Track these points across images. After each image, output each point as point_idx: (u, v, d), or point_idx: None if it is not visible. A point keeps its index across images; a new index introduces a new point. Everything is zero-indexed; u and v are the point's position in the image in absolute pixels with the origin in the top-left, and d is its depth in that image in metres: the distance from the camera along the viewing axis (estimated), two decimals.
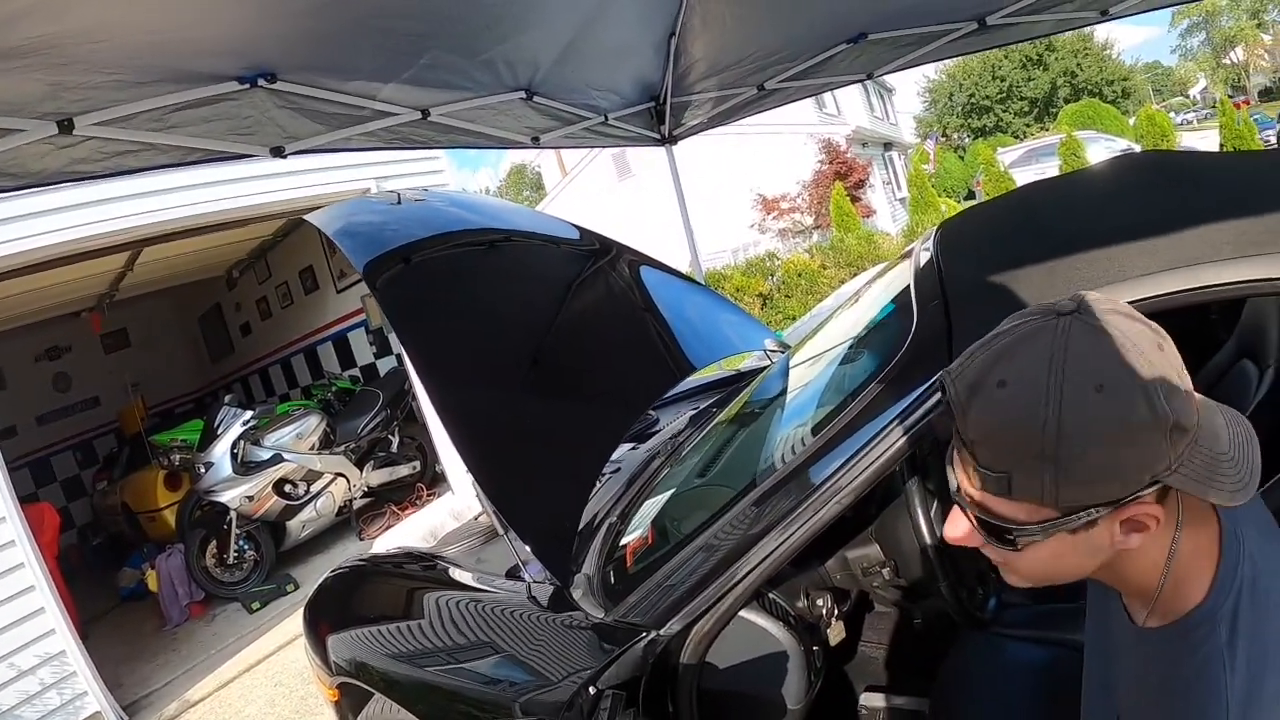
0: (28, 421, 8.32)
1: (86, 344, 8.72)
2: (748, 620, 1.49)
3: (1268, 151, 2.36)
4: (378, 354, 7.62)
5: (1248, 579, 0.86)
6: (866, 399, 1.38)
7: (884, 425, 1.32)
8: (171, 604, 5.77)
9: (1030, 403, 0.77)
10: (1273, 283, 1.14)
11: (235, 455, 5.74)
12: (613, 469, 2.28)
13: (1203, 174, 1.58)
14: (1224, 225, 1.21)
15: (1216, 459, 0.79)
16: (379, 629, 2.02)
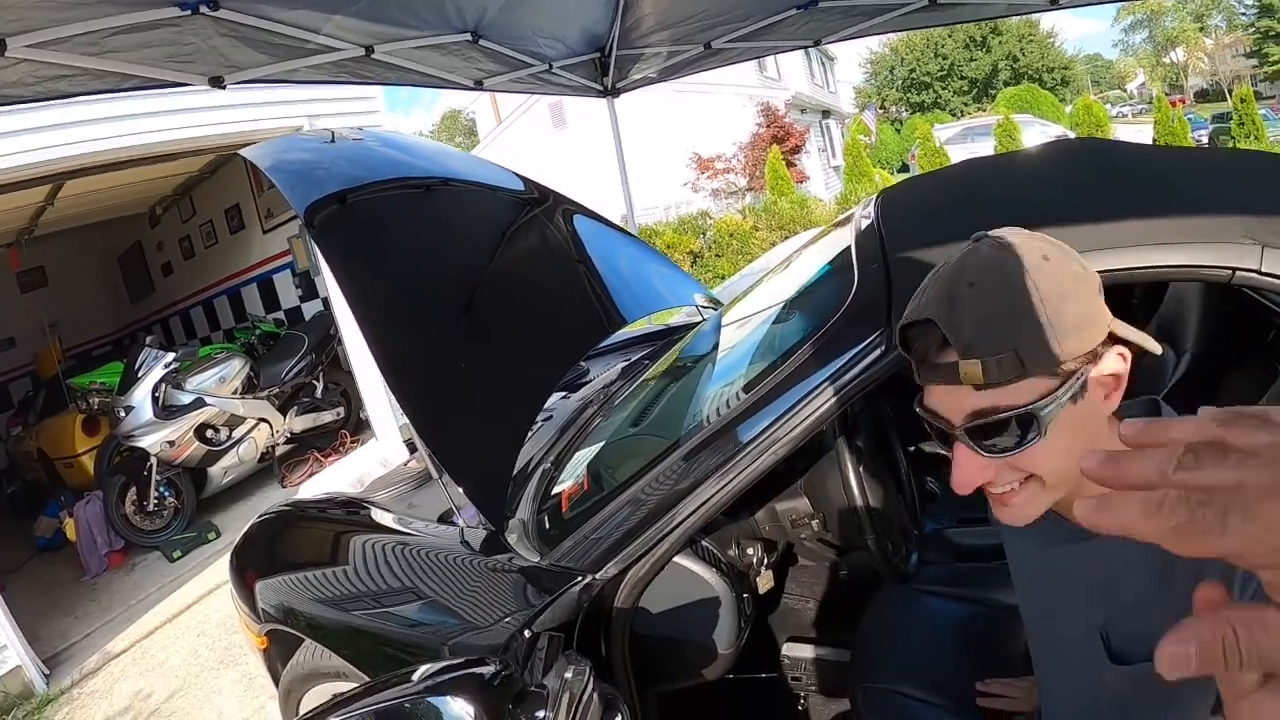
0: None
1: (2, 282, 8.31)
2: (681, 566, 1.52)
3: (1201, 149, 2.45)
4: (303, 297, 7.43)
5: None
6: (804, 355, 1.41)
7: (820, 381, 1.35)
8: (90, 553, 5.60)
9: (1005, 283, 0.86)
10: (1198, 270, 1.20)
11: (156, 399, 5.55)
12: (545, 417, 2.28)
13: (1140, 164, 1.64)
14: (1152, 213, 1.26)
15: None
16: (308, 574, 2.00)
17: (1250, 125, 16.00)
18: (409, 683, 1.12)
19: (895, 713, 1.67)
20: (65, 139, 4.40)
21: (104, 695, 4.07)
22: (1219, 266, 1.18)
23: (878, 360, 1.31)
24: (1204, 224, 1.21)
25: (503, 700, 1.12)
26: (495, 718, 1.09)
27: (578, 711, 1.13)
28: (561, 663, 1.21)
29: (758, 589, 1.76)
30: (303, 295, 7.43)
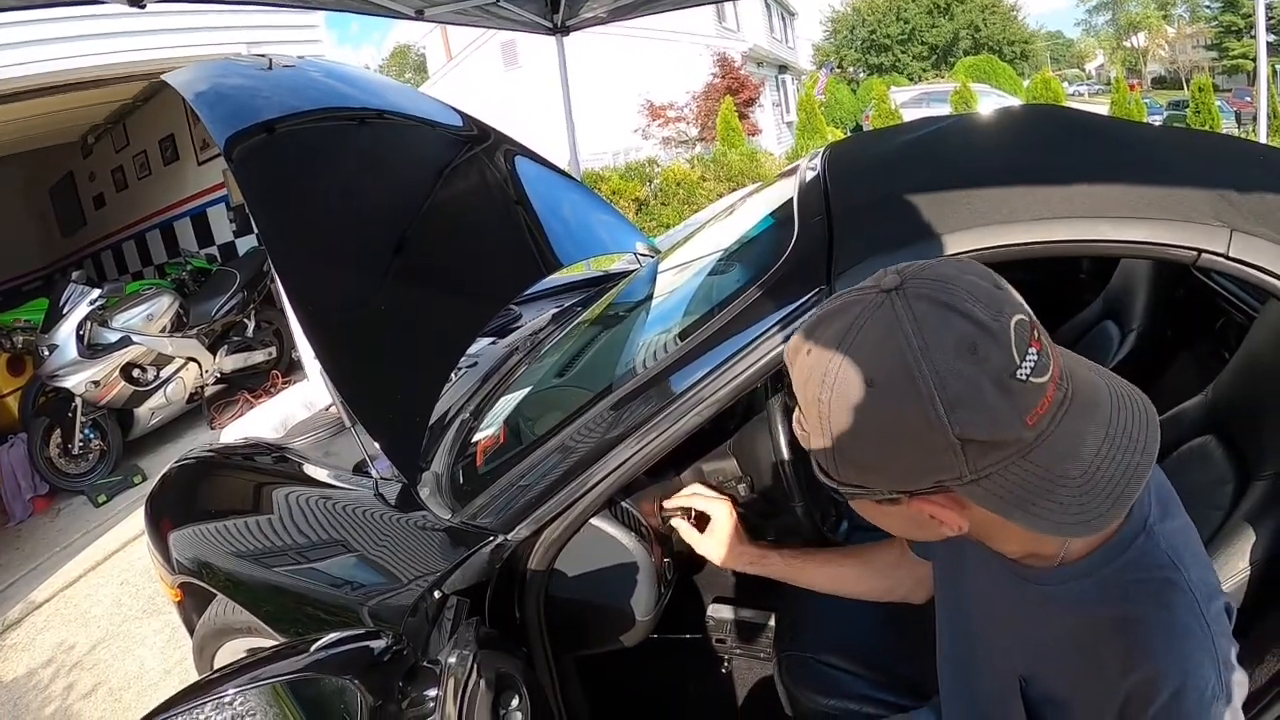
0: None
1: None
2: (598, 528, 1.47)
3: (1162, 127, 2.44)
4: (237, 232, 7.18)
5: (1153, 485, 0.87)
6: (738, 309, 1.34)
7: (754, 337, 1.29)
8: (14, 498, 5.40)
9: (816, 380, 0.75)
10: (1162, 248, 1.15)
11: (81, 337, 5.31)
12: (469, 363, 2.20)
13: (1102, 134, 1.60)
14: (1122, 185, 1.21)
15: (1053, 482, 0.72)
16: (222, 525, 1.92)
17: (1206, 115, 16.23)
18: (304, 654, 1.08)
19: (817, 681, 1.65)
20: None
21: (26, 648, 3.97)
22: (1184, 247, 1.14)
23: None
24: (1172, 202, 1.16)
25: (392, 677, 1.08)
26: (384, 695, 1.04)
27: (464, 697, 1.07)
28: (455, 637, 1.16)
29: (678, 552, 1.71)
30: (237, 230, 7.19)
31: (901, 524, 0.85)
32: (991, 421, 0.69)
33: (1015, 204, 1.22)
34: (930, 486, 0.74)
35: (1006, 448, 0.70)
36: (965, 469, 0.71)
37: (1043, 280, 2.44)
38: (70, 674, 3.65)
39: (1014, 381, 0.69)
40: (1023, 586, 0.90)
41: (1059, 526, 0.72)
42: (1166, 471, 0.92)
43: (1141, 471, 0.73)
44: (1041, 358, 0.71)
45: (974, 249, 1.20)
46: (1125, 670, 0.78)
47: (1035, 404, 0.70)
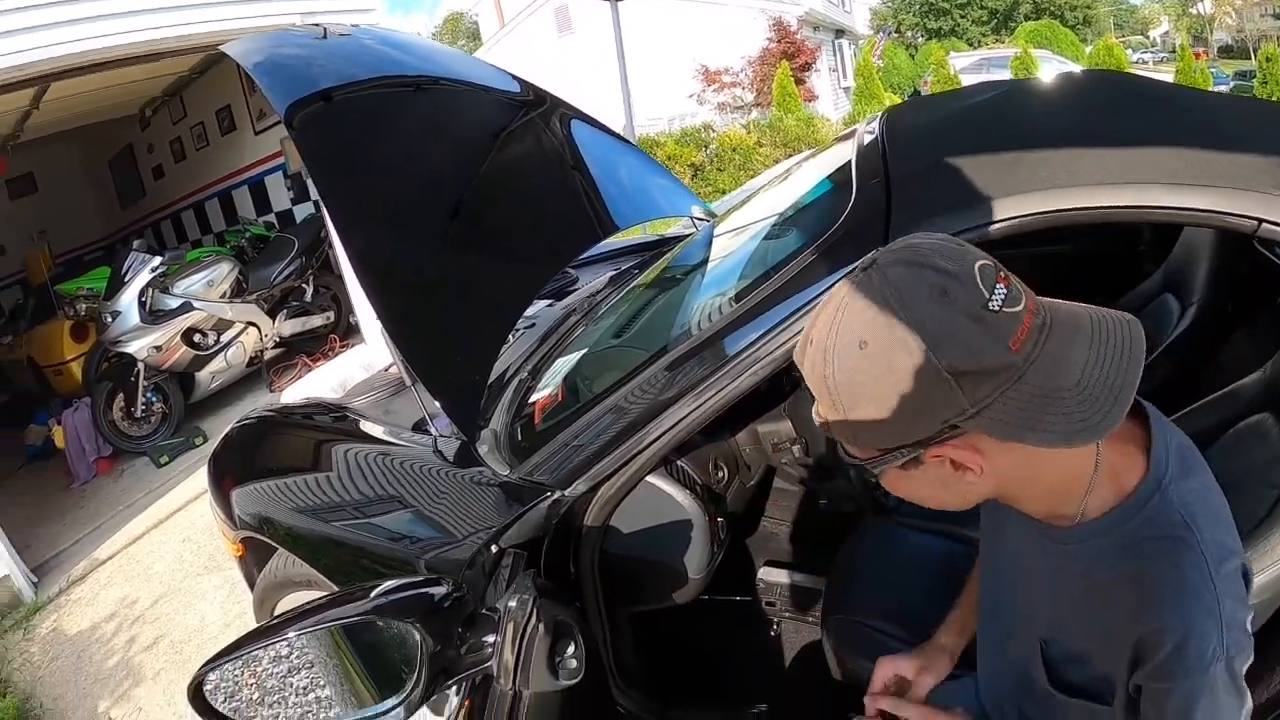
0: None
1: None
2: (654, 486, 1.48)
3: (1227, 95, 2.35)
4: (295, 200, 7.28)
5: (1173, 446, 0.90)
6: (793, 271, 1.34)
7: (809, 299, 1.28)
8: (79, 460, 5.59)
9: (819, 362, 0.81)
10: (1221, 216, 1.13)
11: (143, 304, 5.46)
12: (526, 324, 2.22)
13: (1166, 100, 1.55)
14: (1184, 152, 1.18)
15: (1051, 397, 0.76)
16: (283, 482, 1.97)
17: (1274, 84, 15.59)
18: (364, 599, 1.10)
19: (866, 646, 1.64)
20: (47, 40, 4.21)
21: (90, 602, 4.12)
22: (1245, 216, 1.11)
23: None
24: (1234, 170, 1.14)
25: (451, 623, 1.10)
26: (443, 640, 1.07)
27: (523, 641, 1.10)
28: (514, 585, 1.18)
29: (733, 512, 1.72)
30: (294, 198, 7.29)
31: (931, 489, 0.88)
32: (974, 350, 0.74)
33: (1077, 168, 1.20)
34: (940, 428, 0.78)
35: (998, 374, 0.75)
36: (965, 401, 0.76)
37: (1102, 251, 2.39)
38: (132, 628, 3.79)
39: (987, 313, 0.74)
40: (1048, 549, 0.94)
41: (1069, 436, 0.76)
42: (1223, 448, 0.94)
43: (1133, 369, 0.77)
44: (1011, 291, 0.76)
45: (1034, 212, 1.18)
46: (1135, 621, 0.83)
47: (1014, 330, 0.75)
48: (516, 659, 1.09)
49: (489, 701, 1.13)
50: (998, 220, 1.19)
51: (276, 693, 1.10)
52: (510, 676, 1.09)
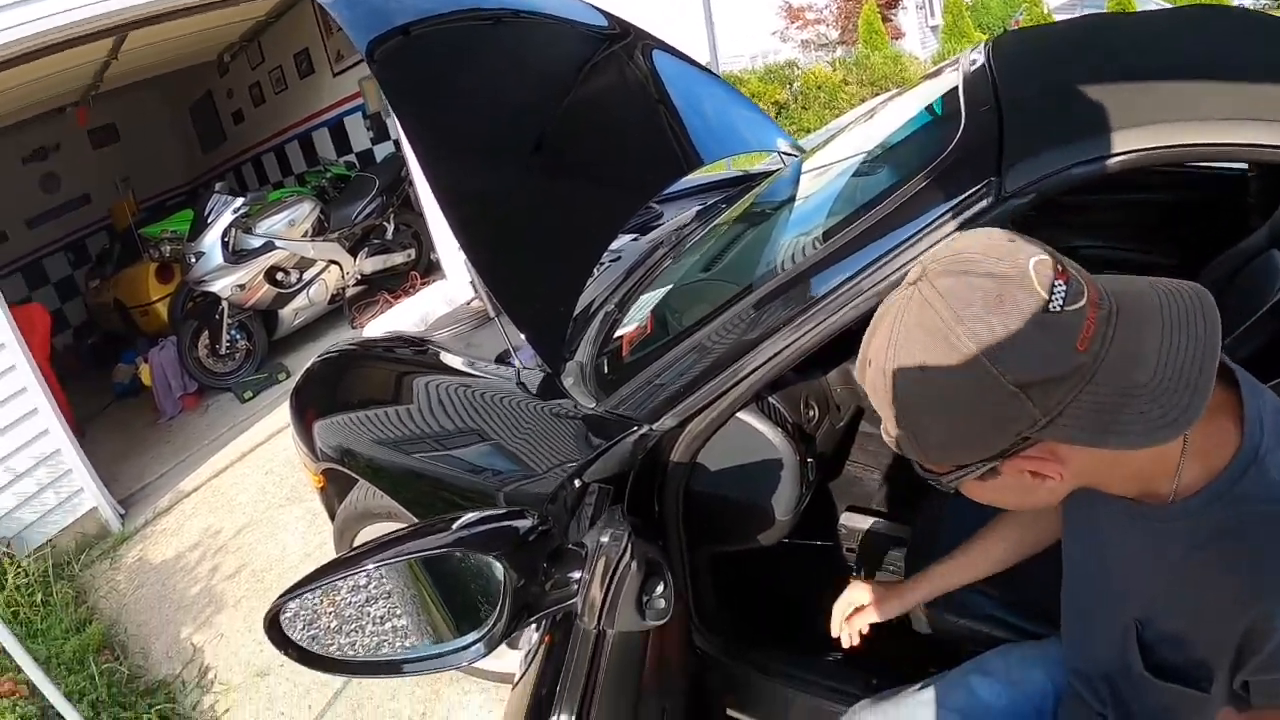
0: (17, 226, 8.05)
1: (74, 141, 8.30)
2: (745, 423, 1.43)
3: None
4: (375, 139, 7.31)
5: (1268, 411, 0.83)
6: (898, 201, 1.26)
7: (917, 230, 1.21)
8: (165, 397, 5.81)
9: (882, 386, 0.79)
10: None
11: (226, 244, 5.60)
12: (612, 258, 2.18)
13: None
14: None
15: (1127, 394, 0.72)
16: (365, 414, 1.98)
17: None
18: (446, 532, 1.08)
19: (948, 600, 1.59)
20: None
21: (175, 533, 4.27)
22: None
23: (983, 214, 1.15)
24: None
25: (538, 556, 1.08)
26: (528, 574, 1.04)
27: (613, 578, 1.07)
28: (605, 519, 1.15)
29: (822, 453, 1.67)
30: (374, 138, 7.32)
31: (1012, 495, 0.85)
32: (1040, 358, 0.70)
33: (1202, 100, 1.11)
34: (1014, 442, 0.75)
35: (1068, 379, 0.71)
36: (1037, 412, 0.72)
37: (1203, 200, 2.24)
38: (215, 557, 3.92)
39: (1048, 315, 0.70)
40: (1143, 527, 0.89)
41: (1150, 435, 0.71)
42: None
43: (1210, 354, 0.72)
44: (1071, 285, 0.72)
45: (1158, 146, 1.09)
46: (1242, 607, 0.78)
47: (1079, 328, 0.71)
48: (604, 597, 1.06)
49: (571, 639, 1.10)
50: (1119, 153, 1.10)
51: (354, 621, 1.09)
52: (596, 615, 1.06)
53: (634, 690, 1.14)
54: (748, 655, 1.59)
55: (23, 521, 4.12)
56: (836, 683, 1.52)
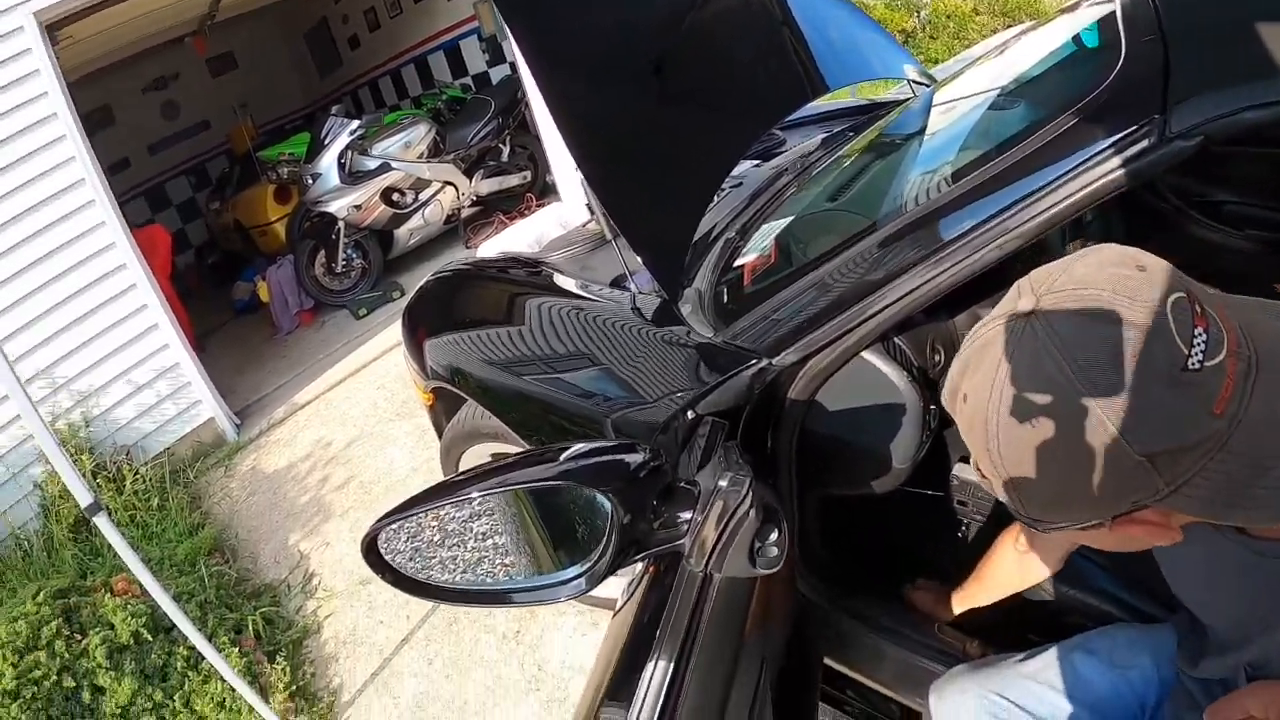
0: (139, 152, 8.40)
1: (192, 70, 8.60)
2: (869, 363, 1.36)
3: None
4: (490, 62, 7.31)
5: None
6: (1045, 139, 1.15)
7: (1067, 169, 1.09)
8: (282, 313, 6.06)
9: (979, 429, 0.70)
10: None
11: (342, 165, 5.74)
12: (733, 184, 2.10)
13: None
14: None
15: (1259, 464, 0.62)
16: (476, 334, 1.99)
17: None
18: (554, 462, 1.04)
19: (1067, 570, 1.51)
20: None
21: (288, 444, 4.48)
22: None
23: (1141, 155, 1.03)
24: None
25: (648, 493, 1.03)
26: (636, 509, 1.00)
27: (729, 524, 1.02)
28: (720, 456, 1.10)
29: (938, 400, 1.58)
30: (490, 60, 7.31)
31: (1113, 542, 0.78)
32: (1174, 427, 0.61)
33: None
34: (1128, 509, 0.67)
35: (1199, 446, 0.62)
36: (1160, 483, 0.63)
37: None
38: (325, 468, 4.09)
39: (1186, 374, 0.61)
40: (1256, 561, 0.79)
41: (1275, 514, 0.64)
42: None
43: None
44: (1211, 333, 0.62)
45: None
46: None
47: (1218, 388, 0.61)
48: (717, 541, 1.02)
49: (676, 580, 1.06)
50: None
51: (453, 548, 1.07)
52: (705, 558, 1.03)
53: (737, 637, 1.10)
54: (849, 604, 1.54)
55: (142, 431, 4.39)
56: (937, 641, 1.46)
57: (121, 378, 4.30)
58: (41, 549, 3.83)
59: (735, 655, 1.09)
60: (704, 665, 1.00)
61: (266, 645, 3.02)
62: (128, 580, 3.03)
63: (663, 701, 0.93)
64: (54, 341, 4.10)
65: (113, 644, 2.74)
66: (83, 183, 4.04)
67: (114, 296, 4.22)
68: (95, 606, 2.91)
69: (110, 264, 4.18)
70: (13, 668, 2.59)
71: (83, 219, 4.07)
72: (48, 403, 4.07)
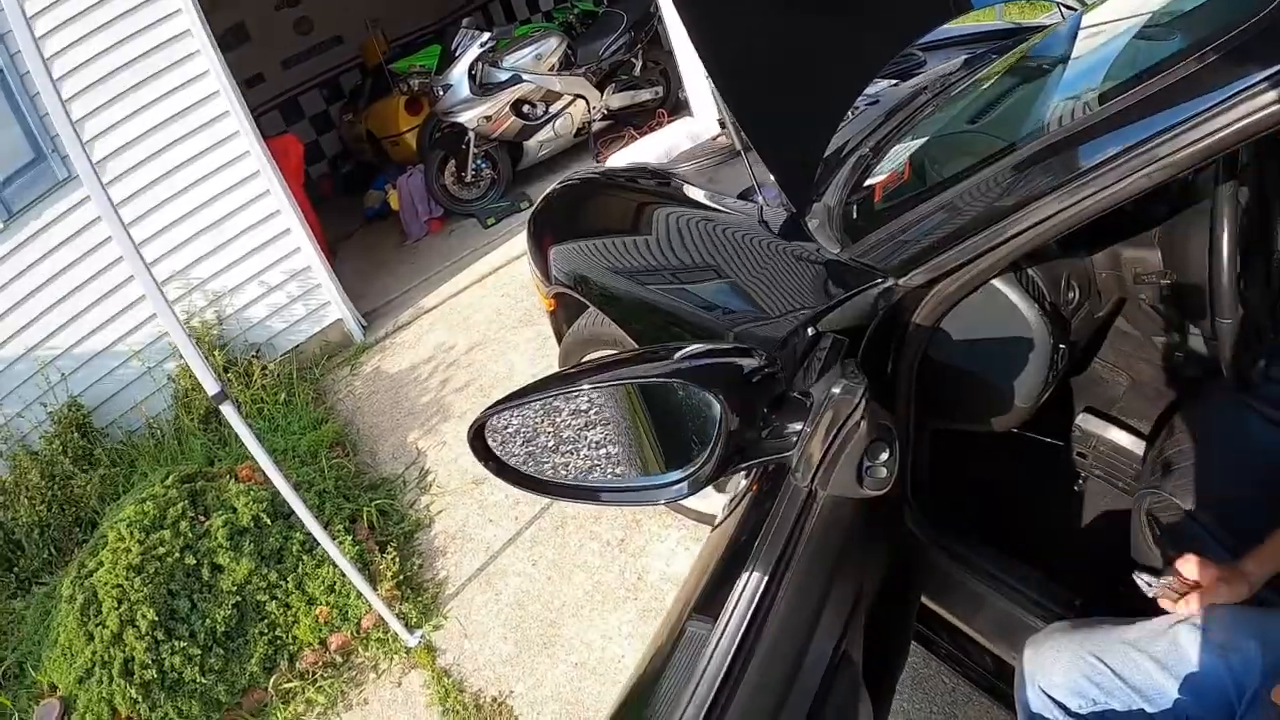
0: (273, 66, 8.53)
1: None
2: (999, 292, 1.32)
3: None
4: None
5: None
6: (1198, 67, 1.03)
7: (1216, 104, 0.98)
8: (412, 220, 6.25)
9: None
10: None
11: (473, 77, 5.81)
12: (868, 102, 2.02)
13: None
14: None
15: None
16: (600, 242, 2.02)
17: None
18: (667, 360, 1.03)
19: (1182, 538, 1.41)
20: None
21: (412, 346, 4.67)
22: None
23: None
24: None
25: (758, 400, 1.01)
26: (745, 415, 0.97)
27: (838, 436, 1.00)
28: (836, 371, 1.07)
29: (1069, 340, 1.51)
30: None
31: None
32: None
33: None
34: None
35: None
36: None
37: None
38: (447, 370, 4.27)
39: None
40: None
41: None
42: None
43: None
44: None
45: None
46: None
47: None
48: (824, 454, 1.00)
49: (780, 492, 1.05)
50: None
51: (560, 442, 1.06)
52: (811, 472, 1.02)
53: (834, 559, 1.09)
54: (954, 545, 1.50)
55: (272, 330, 4.67)
56: (1039, 595, 1.41)
57: (254, 279, 4.56)
58: (173, 438, 4.15)
59: (830, 578, 1.08)
60: (796, 584, 1.00)
61: (379, 536, 3.22)
62: (251, 468, 3.24)
63: (750, 615, 0.93)
64: (190, 245, 4.38)
65: (234, 526, 2.96)
66: (217, 95, 4.24)
67: (248, 203, 4.45)
68: (219, 491, 3.14)
69: (244, 172, 4.40)
70: (139, 544, 2.82)
71: (217, 129, 4.29)
72: (183, 302, 4.36)
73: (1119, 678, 1.15)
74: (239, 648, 2.80)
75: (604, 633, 2.56)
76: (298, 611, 2.88)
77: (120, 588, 2.72)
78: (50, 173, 3.96)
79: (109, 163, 4.04)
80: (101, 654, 2.66)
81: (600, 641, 2.54)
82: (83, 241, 4.08)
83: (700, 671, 0.89)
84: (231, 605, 2.80)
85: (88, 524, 3.66)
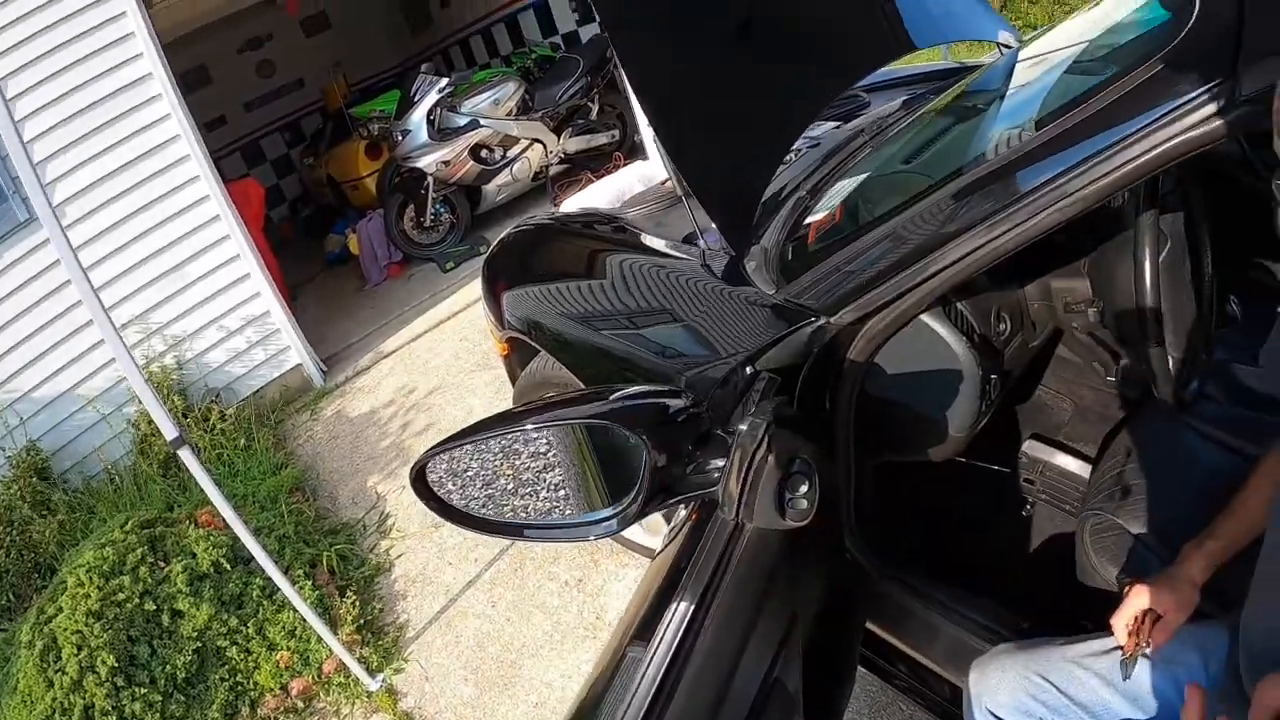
0: (235, 109, 8.64)
1: (286, 30, 8.77)
2: (927, 326, 1.36)
3: None
4: (580, 20, 7.33)
5: None
6: (1113, 97, 1.08)
7: (1130, 131, 1.04)
8: (371, 265, 6.26)
9: None
10: None
11: (432, 122, 5.86)
12: (809, 144, 2.09)
13: None
14: None
15: None
16: (552, 287, 2.04)
17: None
18: (602, 402, 1.06)
19: (1123, 555, 1.47)
20: None
21: (371, 390, 4.65)
22: None
23: (1210, 119, 0.97)
24: None
25: (683, 438, 1.05)
26: (671, 453, 1.01)
27: (749, 469, 1.03)
28: (757, 408, 1.10)
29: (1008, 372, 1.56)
30: (580, 18, 7.33)
31: None
32: None
33: None
34: None
35: None
36: None
37: None
38: (406, 414, 4.25)
39: None
40: None
41: None
42: None
43: None
44: None
45: None
46: None
47: None
48: (741, 489, 1.03)
49: (710, 524, 1.09)
50: None
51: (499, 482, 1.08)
52: (733, 506, 1.04)
53: (762, 587, 1.11)
54: (900, 572, 1.53)
55: (232, 375, 4.62)
56: (986, 619, 1.45)
57: (214, 324, 4.53)
58: (132, 483, 4.07)
59: (758, 605, 1.10)
60: (723, 611, 1.02)
61: (339, 580, 3.19)
62: (211, 513, 3.20)
63: (679, 642, 0.96)
64: (150, 289, 4.34)
65: (193, 572, 2.92)
66: (178, 138, 4.24)
67: (208, 247, 4.43)
68: (179, 537, 3.10)
69: (204, 216, 4.39)
70: (98, 590, 2.78)
71: (178, 173, 4.28)
72: (142, 347, 4.31)
73: (1064, 695, 1.17)
74: (200, 694, 2.75)
75: (563, 672, 2.55)
76: (258, 657, 2.84)
77: (80, 634, 2.68)
78: (11, 214, 3.92)
79: (69, 205, 4.01)
80: (61, 700, 2.61)
81: (560, 681, 2.53)
82: (43, 284, 4.03)
83: (631, 695, 0.91)
84: (192, 651, 2.76)
85: (46, 570, 3.58)
